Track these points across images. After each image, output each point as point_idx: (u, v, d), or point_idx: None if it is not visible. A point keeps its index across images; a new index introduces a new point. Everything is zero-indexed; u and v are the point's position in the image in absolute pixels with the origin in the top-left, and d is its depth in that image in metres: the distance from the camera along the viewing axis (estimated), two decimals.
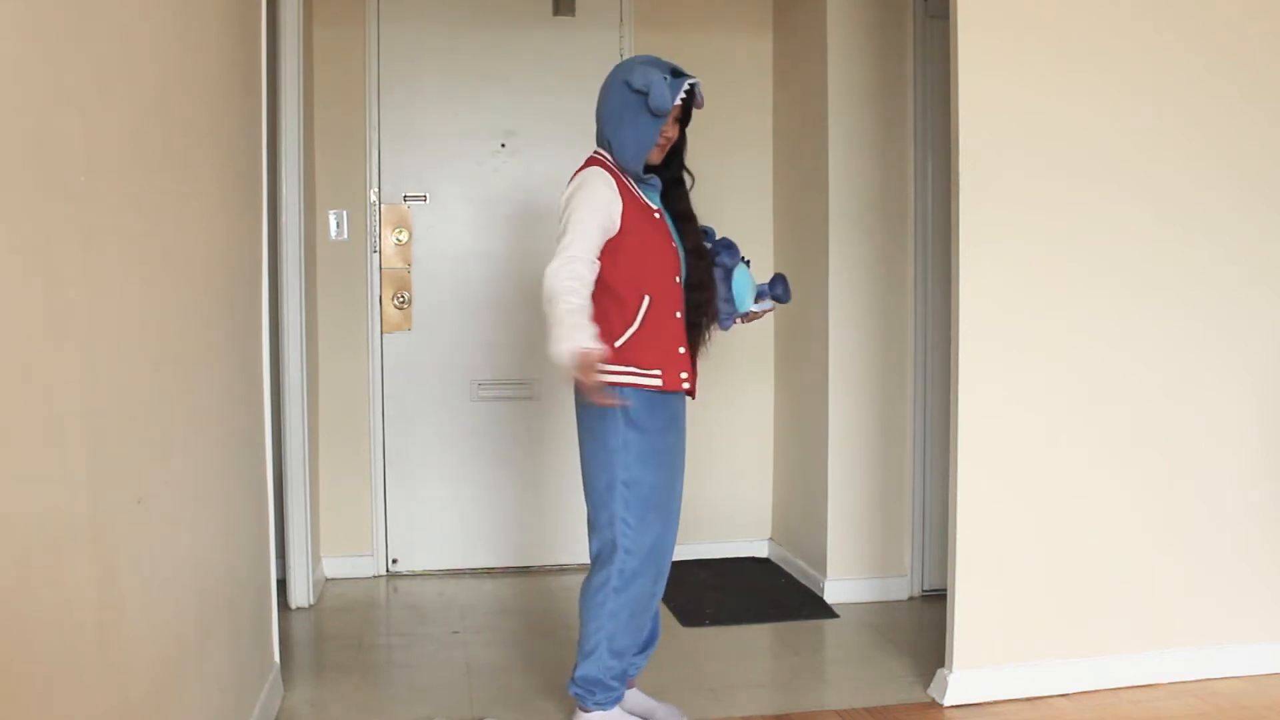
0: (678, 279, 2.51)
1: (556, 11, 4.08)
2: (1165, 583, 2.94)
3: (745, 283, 2.68)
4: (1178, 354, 2.92)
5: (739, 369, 4.21)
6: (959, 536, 2.80)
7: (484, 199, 4.08)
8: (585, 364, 2.23)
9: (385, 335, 4.05)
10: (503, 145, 4.08)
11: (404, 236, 4.03)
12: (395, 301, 4.04)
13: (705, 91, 2.57)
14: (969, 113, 2.75)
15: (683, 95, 2.44)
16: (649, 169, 2.51)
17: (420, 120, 4.03)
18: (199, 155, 2.08)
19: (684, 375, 2.49)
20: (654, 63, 2.47)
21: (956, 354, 2.79)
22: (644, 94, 2.39)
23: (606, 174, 2.44)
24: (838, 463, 3.74)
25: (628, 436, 2.44)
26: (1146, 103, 2.86)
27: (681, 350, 2.49)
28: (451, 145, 4.06)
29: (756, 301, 2.71)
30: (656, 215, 2.52)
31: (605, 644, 2.49)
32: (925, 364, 3.75)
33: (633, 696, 2.66)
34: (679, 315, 2.50)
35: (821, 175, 3.73)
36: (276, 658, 2.85)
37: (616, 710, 2.56)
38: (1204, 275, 2.92)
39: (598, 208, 2.39)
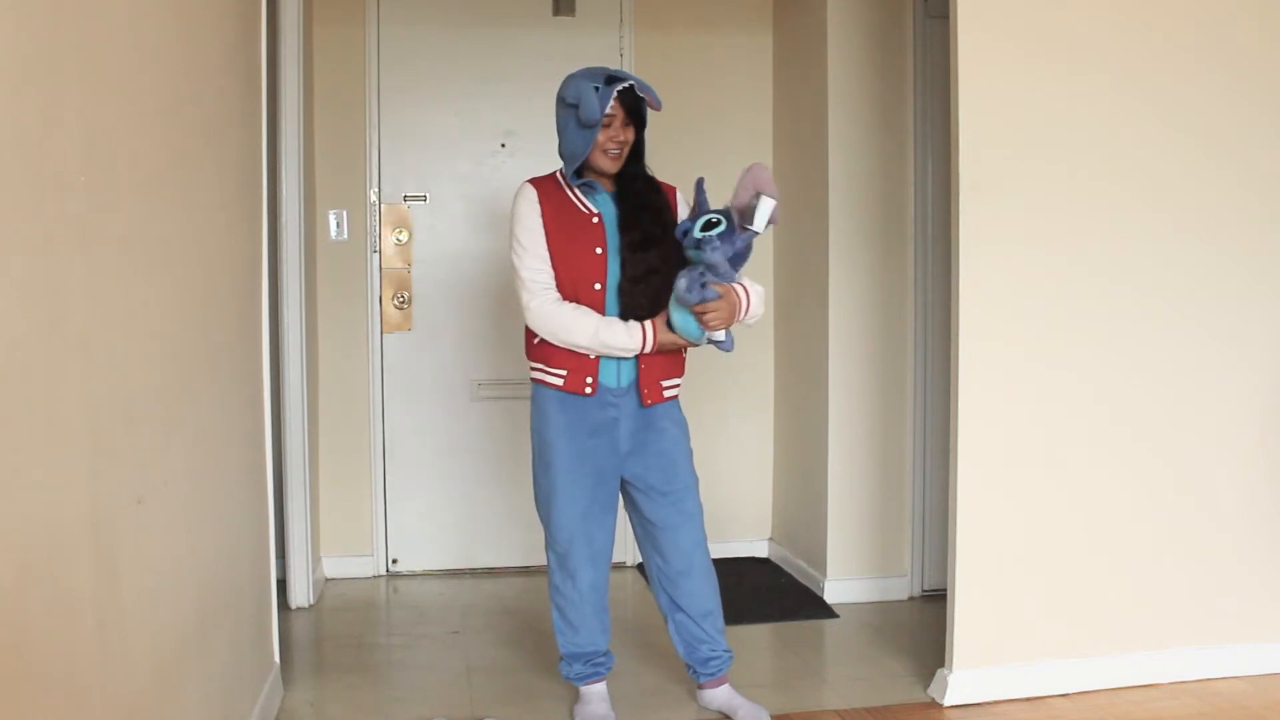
0: (598, 285, 2.52)
1: (556, 11, 4.08)
2: (1165, 583, 2.94)
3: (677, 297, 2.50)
4: (1178, 354, 2.92)
5: (739, 368, 4.21)
6: (959, 536, 2.80)
7: (484, 199, 4.07)
8: (661, 340, 2.49)
9: (385, 335, 4.05)
10: (503, 145, 4.08)
11: (404, 236, 4.03)
12: (395, 301, 4.04)
13: (704, 91, 2.58)
14: (969, 112, 2.75)
15: (614, 100, 2.46)
16: (599, 175, 2.57)
17: (420, 120, 4.03)
18: (199, 155, 2.08)
19: (589, 379, 2.52)
20: (589, 74, 2.50)
21: (956, 354, 2.79)
22: (575, 107, 2.46)
23: (530, 189, 2.58)
24: (838, 463, 3.74)
25: (535, 435, 2.62)
26: (1147, 102, 2.86)
27: (592, 355, 2.52)
28: (451, 145, 4.06)
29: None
30: (594, 220, 2.55)
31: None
32: (925, 364, 3.74)
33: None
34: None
35: (821, 175, 3.73)
36: (276, 658, 2.85)
37: None
38: (1204, 275, 2.92)
39: (528, 228, 2.54)
